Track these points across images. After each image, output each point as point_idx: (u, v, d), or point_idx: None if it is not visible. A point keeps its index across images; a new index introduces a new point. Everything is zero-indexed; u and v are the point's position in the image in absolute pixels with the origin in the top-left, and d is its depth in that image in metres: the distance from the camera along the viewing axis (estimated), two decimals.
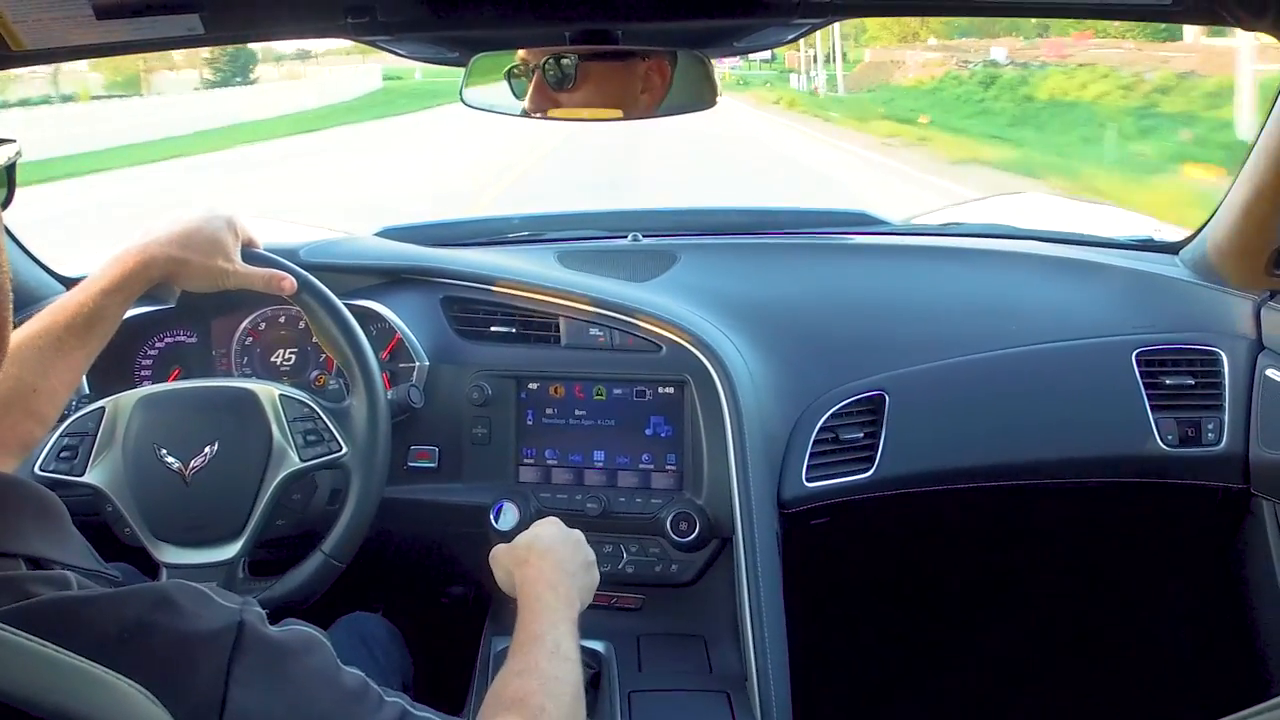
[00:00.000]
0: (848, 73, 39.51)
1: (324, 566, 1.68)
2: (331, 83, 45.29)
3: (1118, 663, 2.50)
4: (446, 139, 23.91)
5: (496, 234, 2.51)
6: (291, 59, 53.20)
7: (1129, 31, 21.79)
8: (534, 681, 1.19)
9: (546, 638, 1.27)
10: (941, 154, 18.84)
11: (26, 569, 0.80)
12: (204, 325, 2.10)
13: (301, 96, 38.72)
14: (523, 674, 1.20)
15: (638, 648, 1.86)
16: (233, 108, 32.69)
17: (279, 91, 40.85)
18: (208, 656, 0.79)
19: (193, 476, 1.61)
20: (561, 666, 1.23)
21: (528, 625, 1.31)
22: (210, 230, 1.62)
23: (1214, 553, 2.31)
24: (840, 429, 1.98)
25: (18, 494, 0.85)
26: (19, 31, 1.24)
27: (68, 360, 1.49)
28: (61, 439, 1.64)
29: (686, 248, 2.31)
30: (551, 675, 1.20)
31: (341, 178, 17.61)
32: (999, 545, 2.49)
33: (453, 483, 1.99)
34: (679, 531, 1.89)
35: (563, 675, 1.22)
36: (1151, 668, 2.47)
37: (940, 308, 2.20)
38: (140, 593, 0.80)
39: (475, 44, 1.61)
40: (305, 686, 0.85)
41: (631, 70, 1.60)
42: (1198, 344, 2.07)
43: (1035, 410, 2.06)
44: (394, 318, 2.00)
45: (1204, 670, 2.41)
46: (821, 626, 2.05)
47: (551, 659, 1.24)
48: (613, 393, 1.99)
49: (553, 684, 1.19)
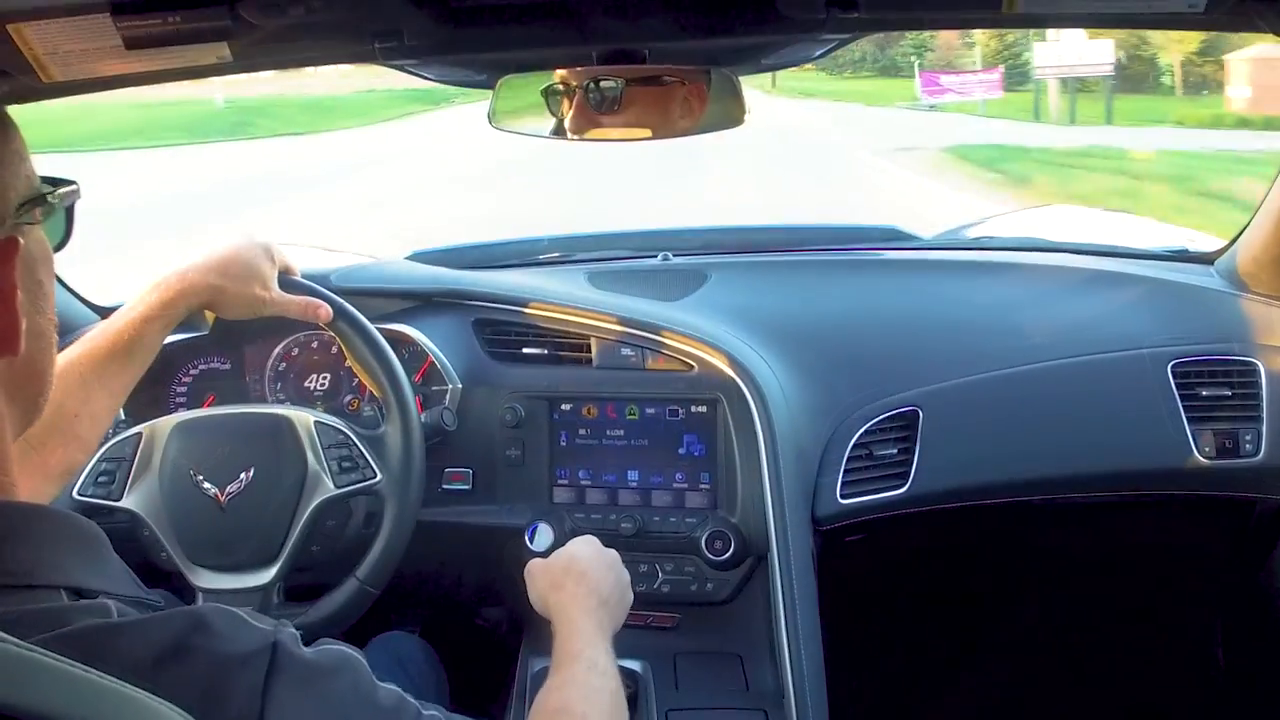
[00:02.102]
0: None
1: (359, 593, 1.69)
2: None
3: (1152, 677, 2.47)
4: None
5: (526, 255, 2.52)
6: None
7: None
8: (575, 692, 1.22)
9: (584, 654, 1.29)
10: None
11: (68, 599, 0.80)
12: (238, 352, 2.11)
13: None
14: (563, 686, 1.24)
15: (674, 666, 1.85)
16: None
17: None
18: (243, 678, 0.79)
19: (229, 502, 1.62)
20: (600, 679, 1.26)
21: (565, 645, 1.33)
22: (248, 258, 1.64)
23: (1251, 564, 2.29)
24: (874, 445, 1.97)
25: (55, 525, 0.86)
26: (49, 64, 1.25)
27: (109, 386, 1.50)
28: (99, 464, 1.65)
29: (717, 266, 2.31)
30: (592, 686, 1.23)
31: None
32: (1034, 560, 2.47)
33: (487, 504, 1.99)
34: (714, 550, 1.88)
35: (601, 686, 1.25)
36: (1186, 681, 2.44)
37: (973, 322, 2.19)
38: (175, 616, 0.81)
39: (503, 67, 1.62)
40: (341, 705, 0.85)
41: (672, 95, 1.60)
42: (1234, 354, 2.05)
43: (1070, 424, 2.05)
44: (426, 341, 2.00)
45: (1239, 684, 2.38)
46: (857, 643, 2.04)
47: (590, 672, 1.26)
48: (645, 412, 1.98)
49: (593, 694, 1.22)
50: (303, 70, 1.87)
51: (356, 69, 19.73)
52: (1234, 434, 2.02)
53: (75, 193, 0.97)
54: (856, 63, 50.09)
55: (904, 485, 1.97)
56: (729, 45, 1.59)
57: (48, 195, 0.91)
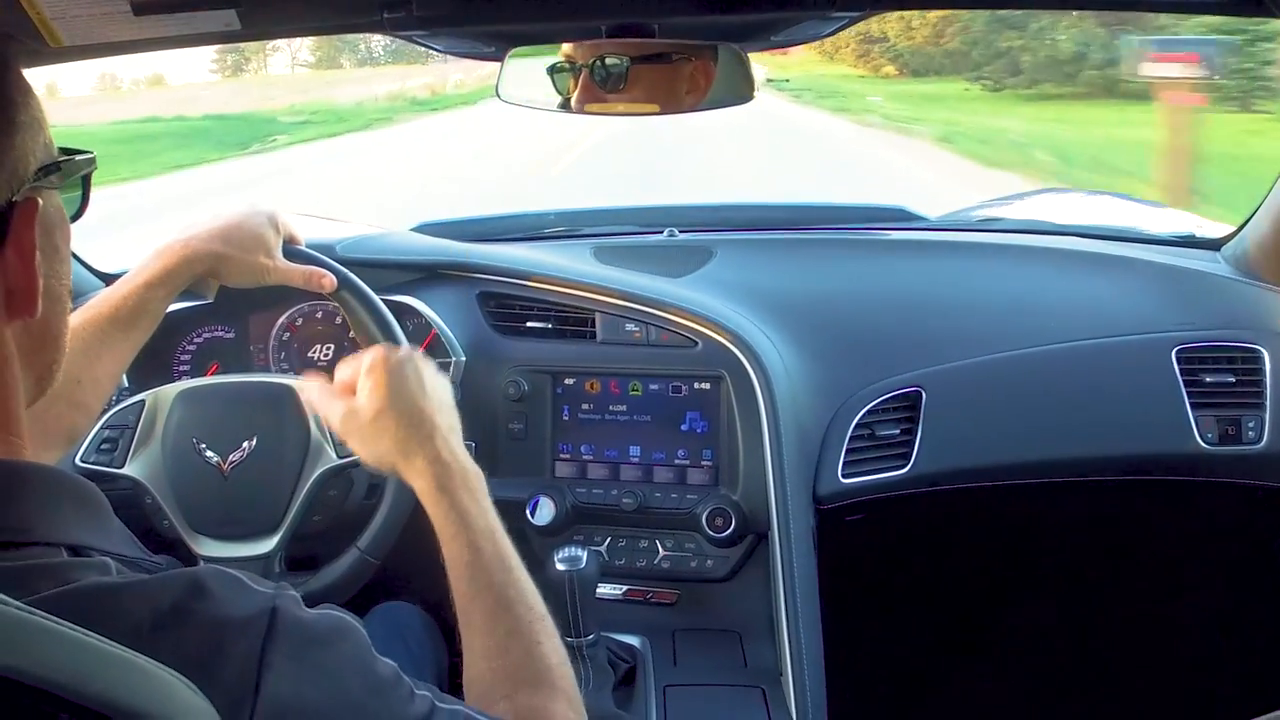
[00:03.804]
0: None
1: (359, 562, 1.69)
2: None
3: (1152, 661, 2.47)
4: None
5: (532, 229, 2.51)
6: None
7: None
8: (527, 639, 1.14)
9: (484, 550, 1.21)
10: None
11: (67, 556, 0.81)
12: (242, 321, 2.11)
13: None
14: (511, 636, 1.15)
15: (673, 642, 1.86)
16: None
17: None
18: (241, 641, 0.79)
19: (231, 471, 1.62)
20: (521, 584, 1.19)
21: (458, 546, 1.22)
22: (252, 226, 1.63)
23: (1252, 551, 2.29)
24: (876, 425, 1.97)
25: (57, 484, 0.86)
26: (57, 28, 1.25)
27: (112, 352, 1.50)
28: (102, 431, 1.65)
29: (722, 243, 2.31)
30: (530, 617, 1.16)
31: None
32: (1034, 542, 2.47)
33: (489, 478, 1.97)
34: (715, 527, 1.89)
35: (533, 602, 1.18)
36: (1187, 667, 2.44)
37: (978, 304, 2.19)
38: (174, 578, 0.81)
39: (511, 39, 1.61)
40: (338, 673, 0.85)
41: (679, 72, 1.60)
42: (1239, 341, 2.05)
43: (1073, 407, 2.04)
44: (430, 313, 2.00)
45: (1240, 669, 2.38)
46: (856, 622, 2.04)
47: (509, 584, 1.18)
48: (648, 388, 1.99)
49: (538, 620, 1.16)
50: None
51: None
52: (1237, 421, 2.02)
53: (92, 162, 0.97)
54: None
55: (906, 465, 1.97)
56: (737, 21, 1.59)
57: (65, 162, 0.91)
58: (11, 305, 0.85)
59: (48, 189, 0.89)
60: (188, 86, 45.71)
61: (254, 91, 41.13)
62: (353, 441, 1.34)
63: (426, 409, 1.32)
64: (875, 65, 46.29)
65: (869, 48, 46.37)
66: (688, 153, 16.40)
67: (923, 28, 40.50)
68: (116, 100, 33.08)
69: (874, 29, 41.47)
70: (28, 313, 0.86)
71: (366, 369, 1.34)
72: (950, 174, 15.34)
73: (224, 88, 38.48)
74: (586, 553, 1.65)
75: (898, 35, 43.33)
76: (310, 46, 68.14)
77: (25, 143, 0.86)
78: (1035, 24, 28.71)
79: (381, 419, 1.30)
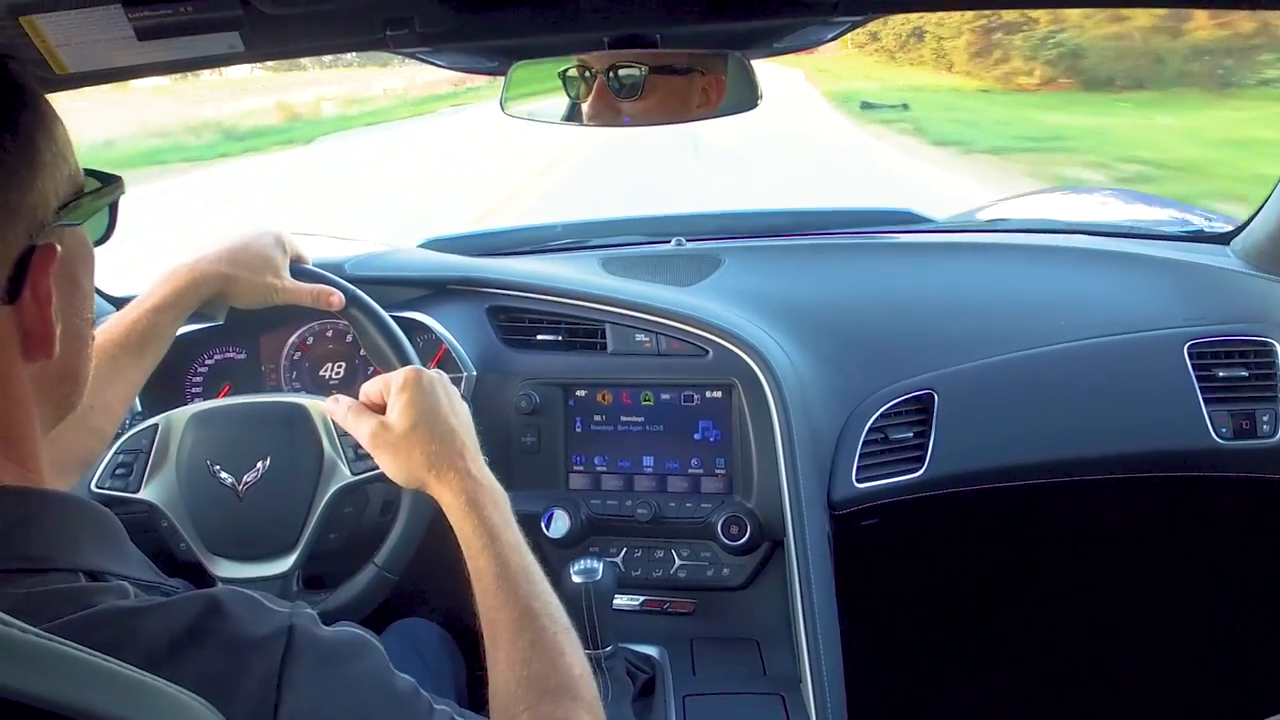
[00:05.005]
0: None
1: (377, 579, 1.69)
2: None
3: (1171, 659, 2.46)
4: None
5: (540, 242, 2.52)
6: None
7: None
8: (550, 650, 1.15)
9: (511, 563, 1.22)
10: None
11: (86, 582, 0.81)
12: (252, 341, 2.12)
13: None
14: (535, 647, 1.15)
15: (691, 652, 1.86)
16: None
17: None
18: (259, 661, 0.79)
19: (246, 492, 1.62)
20: (545, 596, 1.20)
21: (486, 559, 1.24)
22: (259, 247, 1.64)
23: (1268, 545, 2.28)
24: (889, 429, 1.97)
25: (74, 511, 0.86)
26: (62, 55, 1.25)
27: (123, 377, 1.51)
28: (116, 456, 1.65)
29: (730, 251, 2.31)
30: (554, 628, 1.17)
31: None
32: (1050, 542, 2.47)
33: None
34: (730, 535, 1.88)
35: (557, 614, 1.19)
36: (1204, 663, 2.44)
37: (987, 305, 2.18)
38: (192, 600, 0.81)
39: (514, 53, 1.62)
40: (357, 689, 0.85)
41: (693, 84, 1.60)
42: (1251, 335, 2.05)
43: (1086, 406, 2.04)
44: (440, 329, 2.00)
45: (1256, 665, 2.37)
46: (874, 627, 2.04)
47: (534, 595, 1.19)
48: (660, 398, 1.99)
49: (563, 632, 1.17)
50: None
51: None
52: (1251, 414, 2.01)
53: (119, 188, 0.97)
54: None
55: (920, 468, 1.96)
56: (741, 29, 1.59)
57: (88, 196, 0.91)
58: (29, 348, 0.85)
59: (70, 225, 0.89)
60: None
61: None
62: (382, 457, 1.36)
63: (457, 427, 1.35)
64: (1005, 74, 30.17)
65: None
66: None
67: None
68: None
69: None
70: (45, 355, 0.86)
71: (399, 387, 1.36)
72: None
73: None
74: (602, 564, 1.65)
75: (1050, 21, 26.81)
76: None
77: (45, 184, 0.85)
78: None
79: (414, 435, 1.33)
